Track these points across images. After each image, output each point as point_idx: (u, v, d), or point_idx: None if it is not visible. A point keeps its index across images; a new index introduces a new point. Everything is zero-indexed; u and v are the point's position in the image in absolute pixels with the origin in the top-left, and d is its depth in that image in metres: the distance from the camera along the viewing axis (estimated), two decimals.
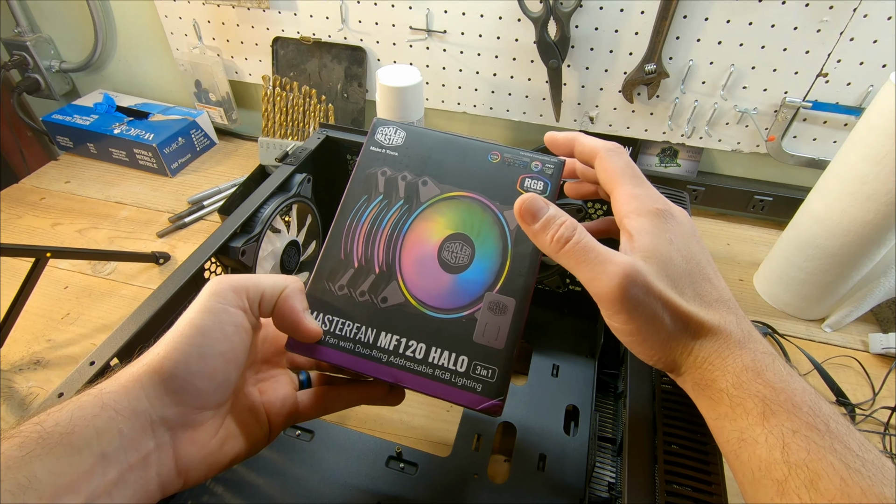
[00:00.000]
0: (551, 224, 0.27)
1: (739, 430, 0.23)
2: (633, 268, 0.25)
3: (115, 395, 0.23)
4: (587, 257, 0.25)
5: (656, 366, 0.27)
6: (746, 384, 0.24)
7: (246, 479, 0.40)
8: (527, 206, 0.27)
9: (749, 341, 0.25)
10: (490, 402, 0.29)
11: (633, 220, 0.27)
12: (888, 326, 0.59)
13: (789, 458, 0.21)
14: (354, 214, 0.33)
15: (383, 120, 0.35)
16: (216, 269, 0.43)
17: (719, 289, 0.27)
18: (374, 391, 0.33)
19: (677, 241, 0.27)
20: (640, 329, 0.25)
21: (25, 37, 0.89)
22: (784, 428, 0.22)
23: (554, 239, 0.26)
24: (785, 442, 0.22)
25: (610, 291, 0.25)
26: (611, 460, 0.42)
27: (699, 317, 0.25)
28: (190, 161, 0.86)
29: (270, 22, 0.80)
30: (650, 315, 0.25)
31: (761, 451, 0.22)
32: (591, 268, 0.25)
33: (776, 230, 0.74)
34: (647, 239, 0.26)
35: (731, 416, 0.24)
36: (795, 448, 0.21)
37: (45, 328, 0.58)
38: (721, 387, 0.24)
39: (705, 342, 0.25)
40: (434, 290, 0.31)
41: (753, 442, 0.23)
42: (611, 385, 0.48)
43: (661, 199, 0.28)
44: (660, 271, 0.25)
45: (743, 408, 0.23)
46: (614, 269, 0.25)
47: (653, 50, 0.67)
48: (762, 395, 0.23)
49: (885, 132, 0.47)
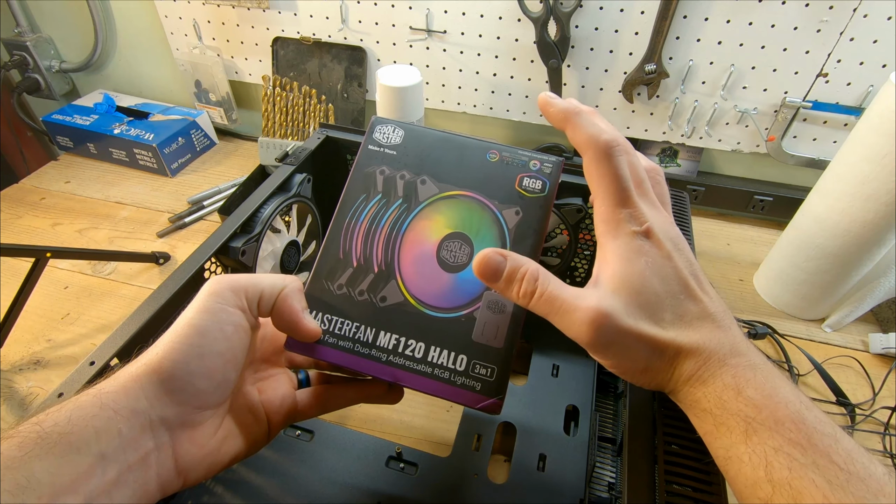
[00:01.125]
0: (513, 280, 0.26)
1: (725, 448, 0.24)
2: (598, 311, 0.24)
3: (114, 395, 0.23)
4: (554, 307, 0.26)
5: (647, 388, 0.28)
6: (728, 403, 0.24)
7: (246, 479, 0.40)
8: (483, 265, 0.27)
9: (732, 356, 0.25)
10: (489, 401, 0.29)
11: (609, 242, 0.27)
12: (888, 326, 0.59)
13: (772, 476, 0.21)
14: (353, 214, 0.33)
15: (381, 119, 0.35)
16: (216, 269, 0.43)
17: (703, 304, 0.26)
18: (373, 390, 0.33)
19: (655, 264, 0.26)
20: (620, 363, 0.26)
21: (25, 37, 0.89)
22: (766, 446, 0.22)
23: (519, 294, 0.26)
24: (767, 461, 0.22)
25: (582, 338, 0.25)
26: (611, 460, 0.42)
27: (675, 341, 0.25)
28: (190, 161, 0.86)
29: (270, 22, 0.80)
30: (625, 350, 0.25)
31: (746, 469, 0.22)
32: (561, 317, 0.26)
33: (776, 230, 0.74)
34: (619, 266, 0.26)
35: (715, 434, 0.24)
36: (777, 466, 0.21)
37: (45, 328, 0.58)
38: (704, 407, 0.25)
39: (685, 364, 0.25)
40: (433, 289, 0.31)
41: (738, 460, 0.23)
42: (611, 385, 0.48)
43: (643, 216, 0.26)
44: (630, 303, 0.25)
45: (726, 427, 0.24)
46: (581, 315, 0.25)
47: (653, 50, 0.67)
48: (743, 413, 0.23)
49: (885, 132, 0.47)
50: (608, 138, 0.27)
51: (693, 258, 0.28)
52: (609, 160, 0.26)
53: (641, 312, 0.25)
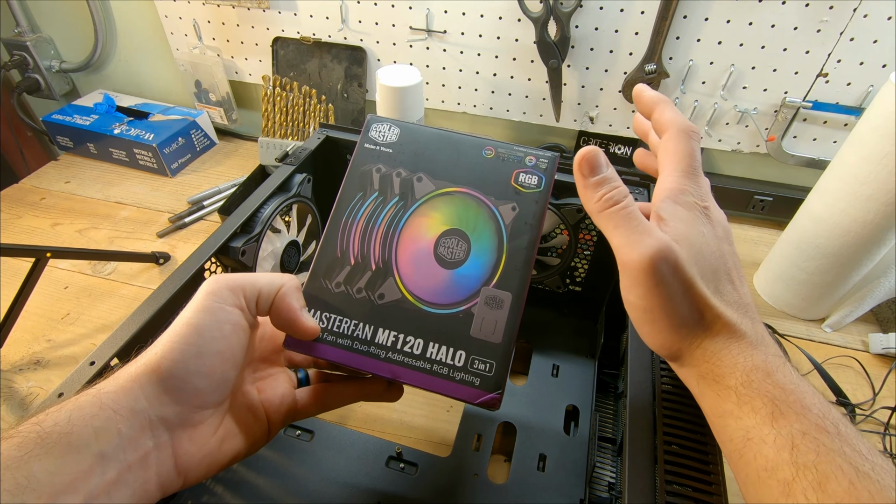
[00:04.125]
0: (605, 183, 0.27)
1: (745, 430, 0.23)
2: (668, 245, 0.25)
3: (113, 394, 0.23)
4: (628, 223, 0.26)
5: (659, 351, 0.27)
6: (756, 383, 0.24)
7: (246, 479, 0.40)
8: (588, 158, 0.27)
9: (762, 344, 0.25)
10: (488, 396, 0.29)
11: (669, 205, 0.27)
12: (888, 326, 0.59)
13: (797, 458, 0.21)
14: (350, 212, 0.33)
15: (377, 117, 0.35)
16: (216, 269, 0.43)
17: (741, 293, 0.27)
18: (373, 387, 0.33)
19: (709, 237, 0.27)
20: (657, 307, 0.25)
21: (25, 37, 0.89)
22: (793, 429, 0.22)
23: (603, 198, 0.27)
24: (794, 443, 0.22)
25: (640, 261, 0.25)
26: (611, 460, 0.42)
27: (718, 310, 0.25)
28: (190, 161, 0.86)
29: (270, 22, 0.80)
30: (670, 296, 0.25)
31: (768, 451, 0.22)
32: (628, 234, 0.25)
33: (776, 230, 0.74)
34: (680, 226, 0.26)
35: (736, 415, 0.24)
36: (804, 449, 0.21)
37: (45, 328, 0.58)
38: (729, 384, 0.24)
39: (718, 337, 0.25)
40: (431, 285, 0.31)
41: (760, 441, 0.22)
42: (611, 385, 0.48)
43: (706, 197, 0.28)
44: (690, 257, 0.25)
45: (751, 406, 0.23)
46: (650, 241, 0.25)
47: (653, 50, 0.67)
48: (772, 395, 0.23)
49: (885, 132, 0.47)
50: (691, 124, 0.29)
51: (736, 253, 0.28)
52: (688, 139, 0.28)
53: (697, 270, 0.26)
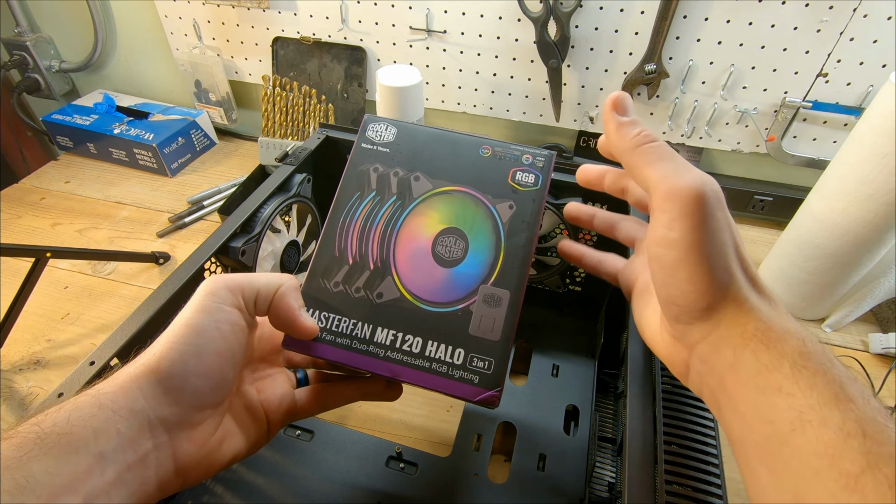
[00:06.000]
0: (637, 123, 0.27)
1: (798, 409, 0.20)
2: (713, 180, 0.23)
3: (112, 395, 0.23)
4: (672, 157, 0.25)
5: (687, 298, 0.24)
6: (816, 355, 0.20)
7: (246, 479, 0.40)
8: (621, 98, 0.28)
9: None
10: (488, 394, 0.29)
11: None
12: (888, 326, 0.59)
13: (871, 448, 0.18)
14: (347, 211, 0.33)
15: (374, 117, 0.35)
16: (216, 269, 0.43)
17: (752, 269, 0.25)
18: (372, 387, 0.33)
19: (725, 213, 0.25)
20: (704, 242, 0.23)
21: (25, 37, 0.89)
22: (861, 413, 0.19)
23: (641, 134, 0.26)
24: (864, 430, 0.18)
25: (692, 187, 0.23)
26: (611, 460, 0.42)
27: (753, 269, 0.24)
28: (190, 161, 0.86)
29: (270, 22, 0.80)
30: (718, 229, 0.23)
31: (830, 437, 0.19)
32: (675, 166, 0.24)
33: (776, 230, 0.74)
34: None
35: (788, 390, 0.20)
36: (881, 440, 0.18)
37: (45, 328, 0.58)
38: (783, 350, 0.21)
39: (762, 299, 0.23)
40: (429, 284, 0.31)
41: (821, 424, 0.19)
42: (611, 385, 0.48)
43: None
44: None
45: (809, 382, 0.20)
46: (697, 172, 0.24)
47: (653, 50, 0.67)
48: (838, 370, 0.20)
49: (885, 132, 0.47)
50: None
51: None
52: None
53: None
